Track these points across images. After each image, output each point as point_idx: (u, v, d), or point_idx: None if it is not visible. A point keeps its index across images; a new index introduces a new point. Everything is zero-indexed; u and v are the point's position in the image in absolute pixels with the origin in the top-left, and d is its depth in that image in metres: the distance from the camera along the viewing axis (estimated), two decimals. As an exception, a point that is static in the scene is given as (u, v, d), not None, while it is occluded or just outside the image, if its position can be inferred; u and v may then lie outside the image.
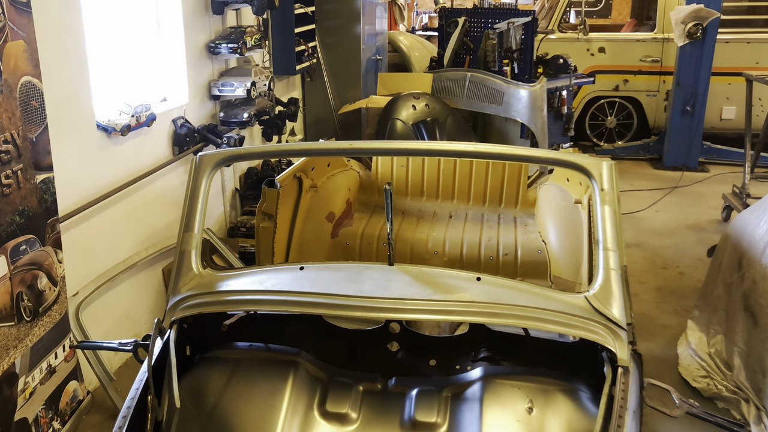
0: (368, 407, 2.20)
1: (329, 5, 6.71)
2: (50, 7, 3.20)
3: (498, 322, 2.10)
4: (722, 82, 7.91)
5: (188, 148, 4.60)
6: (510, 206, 4.50)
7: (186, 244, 2.25)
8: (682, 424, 3.18)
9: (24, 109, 2.84)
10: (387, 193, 2.17)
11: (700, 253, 5.25)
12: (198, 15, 4.78)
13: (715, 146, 7.98)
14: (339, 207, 4.22)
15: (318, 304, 2.09)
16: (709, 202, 6.65)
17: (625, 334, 1.98)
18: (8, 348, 2.82)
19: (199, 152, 2.56)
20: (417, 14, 12.19)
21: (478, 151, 2.49)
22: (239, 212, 5.49)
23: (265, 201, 3.38)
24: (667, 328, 4.29)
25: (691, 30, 7.30)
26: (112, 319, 3.88)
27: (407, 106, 5.81)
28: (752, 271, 3.36)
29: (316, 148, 2.89)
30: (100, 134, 3.70)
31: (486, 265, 3.93)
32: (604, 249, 2.09)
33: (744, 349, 3.38)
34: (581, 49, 8.33)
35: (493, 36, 6.48)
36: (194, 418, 2.11)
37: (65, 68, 3.37)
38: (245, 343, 2.39)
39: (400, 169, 4.60)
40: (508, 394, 2.12)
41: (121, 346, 2.22)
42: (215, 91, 4.97)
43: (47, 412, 3.14)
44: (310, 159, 3.76)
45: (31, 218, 2.93)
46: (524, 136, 6.39)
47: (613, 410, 1.81)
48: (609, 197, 2.16)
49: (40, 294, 3.03)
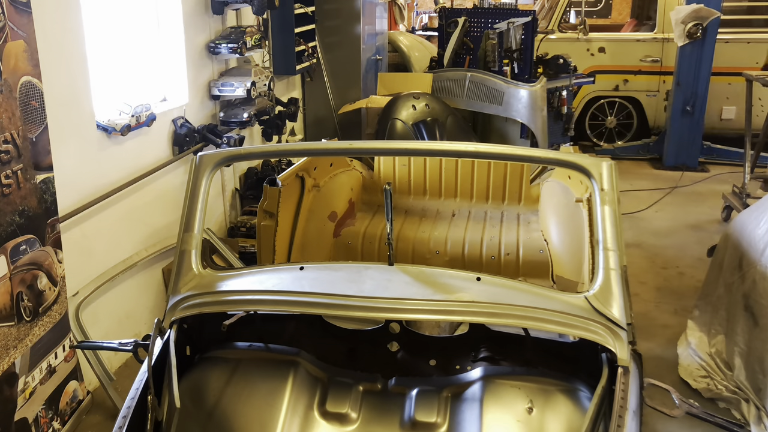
0: (368, 407, 2.20)
1: (329, 5, 6.71)
2: (50, 7, 3.19)
3: (498, 322, 2.10)
4: (722, 82, 7.91)
5: (188, 148, 4.60)
6: (513, 203, 4.49)
7: (186, 244, 2.25)
8: (682, 424, 3.18)
9: (24, 109, 2.84)
10: (387, 193, 2.17)
11: (700, 253, 5.25)
12: (198, 15, 4.78)
13: (715, 146, 7.98)
14: (341, 206, 4.22)
15: (318, 304, 2.09)
16: (709, 202, 6.65)
17: (625, 334, 1.97)
18: (8, 348, 2.82)
19: (199, 152, 2.56)
20: (417, 14, 12.18)
21: (479, 151, 2.49)
22: (239, 212, 5.49)
23: (267, 199, 3.38)
24: (667, 328, 4.29)
25: (691, 30, 7.30)
26: (112, 319, 3.88)
27: (407, 106, 5.81)
28: (752, 271, 3.36)
29: (316, 147, 2.90)
30: (100, 134, 3.70)
31: (487, 264, 3.92)
32: (604, 249, 2.09)
33: (744, 349, 3.38)
34: (581, 49, 8.32)
35: (493, 36, 6.48)
36: (194, 418, 2.11)
37: (65, 68, 3.36)
38: (245, 343, 2.39)
39: (402, 168, 4.60)
40: (508, 394, 2.11)
41: (121, 346, 2.23)
42: (215, 91, 4.97)
43: (47, 412, 3.14)
44: (313, 158, 3.76)
45: (31, 218, 2.93)
46: (524, 136, 6.39)
47: (613, 410, 1.81)
48: (609, 197, 2.15)
49: (40, 294, 3.03)
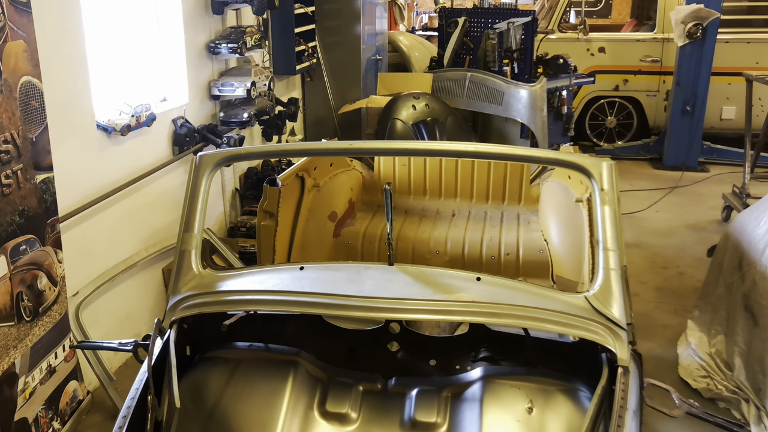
0: (368, 407, 2.20)
1: (329, 5, 6.70)
2: (50, 7, 3.19)
3: (498, 322, 2.10)
4: (722, 82, 7.91)
5: (188, 148, 4.60)
6: (513, 203, 4.49)
7: (186, 244, 2.25)
8: (682, 424, 3.18)
9: (24, 109, 2.84)
10: (387, 193, 2.16)
11: (700, 253, 5.25)
12: (198, 15, 4.78)
13: (715, 146, 7.98)
14: (341, 206, 4.22)
15: (318, 304, 2.09)
16: (709, 202, 6.65)
17: (625, 334, 1.97)
18: (8, 348, 2.82)
19: (199, 152, 2.56)
20: (417, 14, 12.18)
21: (479, 151, 2.49)
22: (239, 212, 5.49)
23: (267, 199, 3.38)
24: (667, 328, 4.29)
25: (691, 30, 7.30)
26: (112, 319, 3.88)
27: (407, 106, 5.81)
28: (752, 271, 3.36)
29: (316, 148, 2.90)
30: (100, 134, 3.70)
31: (488, 264, 3.92)
32: (604, 249, 2.09)
33: (744, 349, 3.38)
34: (581, 49, 8.32)
35: (493, 36, 6.48)
36: (194, 418, 2.10)
37: (65, 68, 3.36)
38: (245, 343, 2.39)
39: (402, 168, 4.59)
40: (508, 394, 2.11)
41: (121, 346, 2.23)
42: (215, 91, 4.97)
43: (47, 412, 3.14)
44: (313, 158, 3.76)
45: (31, 218, 2.93)
46: (524, 136, 6.39)
47: (613, 410, 1.81)
48: (609, 197, 2.15)
49: (40, 294, 3.03)
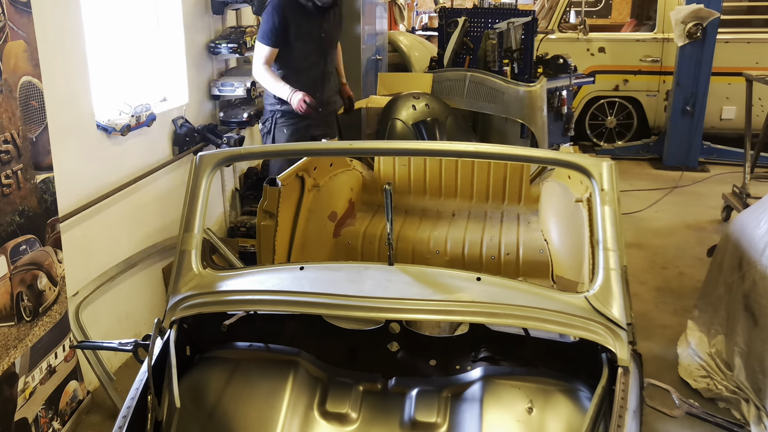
0: (368, 407, 2.20)
1: (329, 5, 6.68)
2: (50, 7, 3.19)
3: (498, 322, 2.10)
4: (722, 82, 7.91)
5: (188, 148, 4.60)
6: (513, 203, 4.49)
7: (186, 244, 2.25)
8: (682, 424, 3.18)
9: (24, 109, 2.84)
10: (387, 193, 2.16)
11: (700, 253, 5.25)
12: (198, 15, 4.78)
13: (715, 146, 7.99)
14: (341, 206, 4.22)
15: (318, 304, 2.08)
16: (709, 202, 6.64)
17: (625, 334, 1.97)
18: (8, 348, 2.82)
19: (199, 152, 2.56)
20: (417, 14, 12.20)
21: (479, 151, 2.49)
22: (239, 212, 5.49)
23: (266, 199, 3.38)
24: (667, 328, 4.29)
25: (691, 30, 7.30)
26: (112, 319, 3.88)
27: (407, 106, 5.80)
28: (752, 271, 3.36)
29: (317, 148, 2.90)
30: (100, 134, 3.69)
31: (487, 264, 3.92)
32: (604, 249, 2.09)
33: (744, 349, 3.38)
34: (581, 49, 8.32)
35: (493, 36, 6.47)
36: (194, 418, 2.10)
37: (65, 68, 3.36)
38: (245, 343, 2.38)
39: (402, 168, 4.59)
40: (508, 394, 2.11)
41: (121, 346, 2.22)
42: (215, 91, 4.97)
43: (47, 412, 3.14)
44: (312, 158, 3.76)
45: (31, 218, 2.93)
46: (524, 136, 6.38)
47: (613, 410, 1.81)
48: (609, 197, 2.15)
49: (40, 294, 3.03)
